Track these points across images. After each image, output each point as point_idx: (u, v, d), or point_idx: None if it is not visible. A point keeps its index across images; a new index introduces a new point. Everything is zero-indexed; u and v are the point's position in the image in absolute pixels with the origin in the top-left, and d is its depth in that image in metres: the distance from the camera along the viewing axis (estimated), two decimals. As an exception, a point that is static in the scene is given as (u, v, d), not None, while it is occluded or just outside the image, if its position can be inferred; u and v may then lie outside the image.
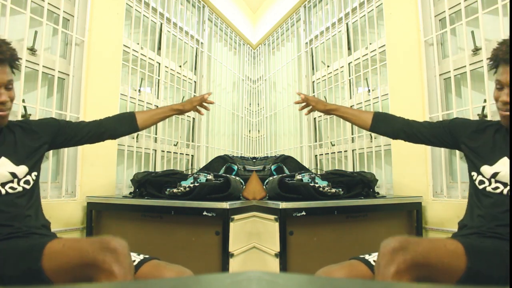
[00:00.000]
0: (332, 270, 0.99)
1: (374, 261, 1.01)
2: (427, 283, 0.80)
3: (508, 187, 1.01)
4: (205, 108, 1.55)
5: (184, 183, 1.74)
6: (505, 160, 1.03)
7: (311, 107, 1.52)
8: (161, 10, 2.84)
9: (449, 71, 1.97)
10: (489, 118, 1.68)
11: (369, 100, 2.56)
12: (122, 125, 1.35)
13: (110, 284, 0.71)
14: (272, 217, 1.63)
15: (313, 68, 3.39)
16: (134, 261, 1.00)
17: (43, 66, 1.85)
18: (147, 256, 1.05)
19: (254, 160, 2.49)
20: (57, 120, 1.24)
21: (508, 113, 0.99)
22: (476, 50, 1.83)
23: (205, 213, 1.54)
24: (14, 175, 1.05)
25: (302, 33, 3.50)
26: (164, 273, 0.98)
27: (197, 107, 1.51)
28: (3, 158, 1.05)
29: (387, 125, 1.36)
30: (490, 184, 1.05)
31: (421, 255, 0.80)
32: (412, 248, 0.80)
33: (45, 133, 1.17)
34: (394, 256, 0.78)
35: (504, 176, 1.02)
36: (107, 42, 2.21)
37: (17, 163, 1.07)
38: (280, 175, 1.87)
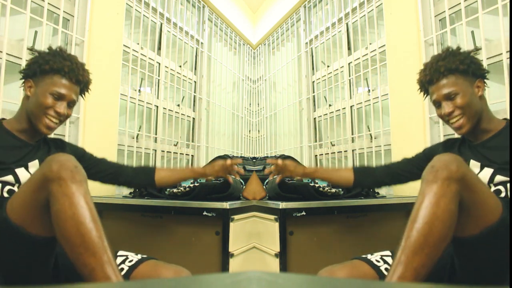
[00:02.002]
0: (335, 270, 0.99)
1: (376, 260, 1.01)
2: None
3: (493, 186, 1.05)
4: (234, 175, 1.54)
5: (184, 183, 1.74)
6: (471, 163, 1.10)
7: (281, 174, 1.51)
8: (161, 10, 2.84)
9: (449, 71, 1.97)
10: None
11: (369, 100, 2.56)
12: (139, 177, 1.39)
13: (110, 284, 0.71)
14: (272, 217, 1.63)
15: (313, 68, 3.39)
16: (132, 260, 1.01)
17: (43, 66, 1.84)
18: (144, 255, 1.05)
19: (254, 160, 2.49)
20: (84, 150, 1.32)
21: (459, 122, 1.09)
22: (476, 50, 1.83)
23: (205, 213, 1.54)
24: None
25: (302, 33, 3.51)
26: (161, 272, 0.98)
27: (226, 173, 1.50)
28: (36, 161, 1.09)
29: (368, 177, 1.38)
30: None
31: (471, 177, 0.81)
32: (466, 167, 0.81)
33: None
34: (450, 164, 0.79)
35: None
36: (107, 42, 2.21)
37: None
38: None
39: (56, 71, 1.08)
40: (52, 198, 0.79)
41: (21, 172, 1.05)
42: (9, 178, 1.03)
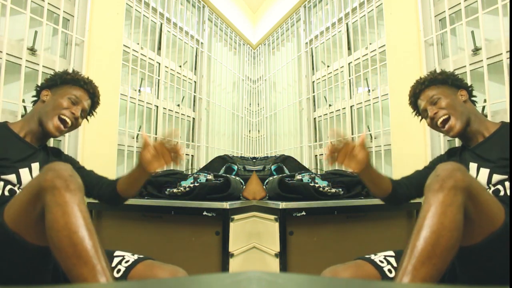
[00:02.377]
0: (338, 270, 0.98)
1: (380, 261, 1.00)
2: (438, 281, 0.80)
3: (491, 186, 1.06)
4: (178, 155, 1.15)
5: (184, 183, 1.74)
6: (470, 166, 1.12)
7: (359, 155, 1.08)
8: (161, 10, 2.84)
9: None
10: (489, 118, 1.68)
11: (369, 100, 2.56)
12: (107, 189, 1.22)
13: (110, 284, 0.71)
14: (272, 217, 1.63)
15: (313, 68, 3.39)
16: (128, 261, 1.00)
17: (43, 66, 1.85)
18: (141, 256, 1.05)
19: (254, 160, 2.49)
20: (78, 163, 1.31)
21: (449, 123, 1.15)
22: (476, 50, 1.83)
23: (205, 213, 1.54)
24: None
25: (302, 33, 3.50)
26: (157, 273, 0.97)
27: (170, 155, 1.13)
28: (37, 163, 1.11)
29: (401, 188, 1.21)
30: None
31: (476, 186, 0.80)
32: (470, 176, 0.81)
33: None
34: (455, 173, 0.79)
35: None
36: (107, 42, 2.21)
37: None
38: (280, 175, 1.87)
39: (75, 81, 1.22)
40: (46, 208, 0.78)
41: (24, 173, 1.06)
42: (12, 177, 1.04)
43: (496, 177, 1.04)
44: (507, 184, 1.03)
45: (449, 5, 2.00)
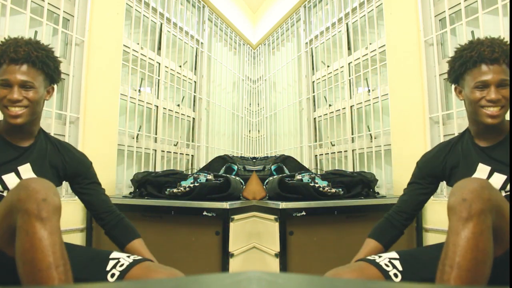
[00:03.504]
0: (341, 272, 0.96)
1: (385, 264, 0.98)
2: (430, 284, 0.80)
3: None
4: None
5: (184, 183, 1.74)
6: (480, 167, 1.04)
7: None
8: (161, 10, 2.84)
9: (449, 71, 1.97)
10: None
11: (369, 100, 2.56)
12: (115, 231, 1.18)
13: (110, 284, 0.71)
14: (272, 217, 1.63)
15: (313, 68, 3.39)
16: (123, 265, 0.97)
17: (43, 66, 1.84)
18: (137, 257, 1.02)
19: (254, 160, 2.49)
20: (91, 164, 1.21)
21: (495, 110, 0.99)
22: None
23: (205, 213, 1.54)
24: None
25: (302, 33, 3.50)
26: (154, 275, 0.94)
27: None
28: (28, 165, 1.04)
29: (390, 232, 1.18)
30: None
31: (502, 202, 0.77)
32: (496, 192, 0.77)
33: (71, 168, 1.16)
34: (482, 193, 0.74)
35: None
36: (107, 42, 2.21)
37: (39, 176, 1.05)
38: (280, 175, 1.87)
39: (2, 57, 1.00)
40: (16, 230, 0.74)
41: (9, 179, 1.01)
42: None
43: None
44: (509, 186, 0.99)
45: (449, 5, 2.00)
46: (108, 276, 0.96)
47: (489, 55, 1.00)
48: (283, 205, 1.55)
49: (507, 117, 1.08)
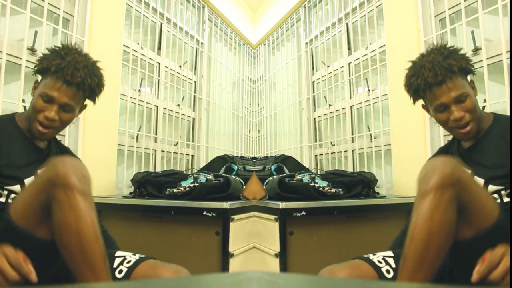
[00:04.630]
0: (335, 270, 0.98)
1: (378, 261, 0.99)
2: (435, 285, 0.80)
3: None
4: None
5: (184, 183, 1.74)
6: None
7: None
8: (161, 10, 2.84)
9: (449, 71, 1.97)
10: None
11: (369, 100, 2.56)
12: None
13: (110, 284, 0.71)
14: (272, 217, 1.63)
15: (313, 68, 3.39)
16: (130, 261, 0.99)
17: (43, 66, 1.84)
18: (142, 255, 1.03)
19: (254, 160, 2.49)
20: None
21: (467, 128, 1.00)
22: (476, 50, 1.83)
23: (205, 213, 1.54)
24: None
25: (302, 33, 3.50)
26: (160, 272, 0.96)
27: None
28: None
29: None
30: None
31: (467, 179, 0.78)
32: (460, 168, 0.79)
33: None
34: (442, 168, 0.76)
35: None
36: (107, 42, 2.21)
37: None
38: (280, 175, 1.87)
39: (45, 71, 0.99)
40: (56, 205, 0.76)
41: (28, 183, 0.99)
42: (16, 187, 0.99)
43: (491, 188, 0.98)
44: (503, 193, 0.98)
45: (449, 5, 2.00)
46: (116, 273, 0.96)
47: (433, 80, 1.01)
48: (283, 205, 1.55)
49: (487, 109, 1.05)
